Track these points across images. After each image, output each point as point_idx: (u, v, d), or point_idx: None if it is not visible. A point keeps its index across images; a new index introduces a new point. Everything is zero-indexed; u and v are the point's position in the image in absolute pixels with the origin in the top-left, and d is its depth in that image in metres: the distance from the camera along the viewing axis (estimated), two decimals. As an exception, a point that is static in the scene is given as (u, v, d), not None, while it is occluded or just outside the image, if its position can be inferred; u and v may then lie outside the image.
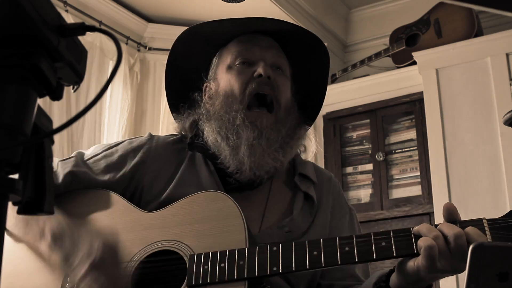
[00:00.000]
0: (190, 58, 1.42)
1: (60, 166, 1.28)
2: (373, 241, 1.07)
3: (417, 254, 1.05)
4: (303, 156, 1.44)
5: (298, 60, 1.43)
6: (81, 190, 1.28)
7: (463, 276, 0.71)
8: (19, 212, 0.57)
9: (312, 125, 1.48)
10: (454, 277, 3.07)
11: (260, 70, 1.29)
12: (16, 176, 0.56)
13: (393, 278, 1.11)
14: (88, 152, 1.36)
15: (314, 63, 1.45)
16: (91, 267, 1.06)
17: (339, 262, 1.08)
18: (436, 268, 1.02)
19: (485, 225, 1.06)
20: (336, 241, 1.09)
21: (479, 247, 0.70)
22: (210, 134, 1.31)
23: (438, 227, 1.06)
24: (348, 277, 1.29)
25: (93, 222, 1.23)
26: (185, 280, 1.12)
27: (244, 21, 1.33)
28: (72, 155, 1.34)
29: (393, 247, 1.06)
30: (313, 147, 1.45)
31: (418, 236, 1.06)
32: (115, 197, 1.26)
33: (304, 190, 1.33)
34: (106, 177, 1.29)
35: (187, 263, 1.13)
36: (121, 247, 1.17)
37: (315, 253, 1.09)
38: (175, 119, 1.42)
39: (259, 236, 1.22)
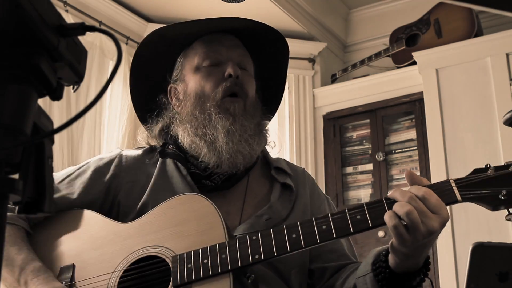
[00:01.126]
0: (154, 60, 1.42)
1: None
2: (348, 216, 1.10)
3: None
4: (275, 150, 1.47)
5: (259, 55, 1.45)
6: (57, 212, 1.29)
7: (463, 276, 0.71)
8: (19, 212, 0.57)
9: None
10: (454, 277, 3.07)
11: (230, 70, 1.32)
12: (16, 176, 0.56)
13: (390, 258, 1.12)
14: (61, 174, 1.37)
15: (273, 57, 1.48)
16: None
17: (318, 241, 1.10)
18: (421, 232, 1.03)
19: (453, 185, 1.09)
20: (313, 221, 1.12)
21: (479, 247, 0.70)
22: (185, 137, 1.33)
23: (408, 189, 1.08)
24: (340, 256, 1.32)
25: (72, 241, 1.25)
26: (171, 281, 1.13)
27: (208, 22, 1.35)
28: None
29: (368, 219, 1.09)
30: (274, 138, 1.48)
31: (391, 204, 1.08)
32: (91, 214, 1.27)
33: (282, 181, 1.36)
34: (83, 195, 1.31)
35: (170, 265, 1.14)
36: (103, 260, 1.19)
37: (294, 235, 1.11)
38: (146, 129, 1.43)
39: (240, 228, 1.24)
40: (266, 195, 1.35)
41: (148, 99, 1.42)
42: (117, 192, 1.32)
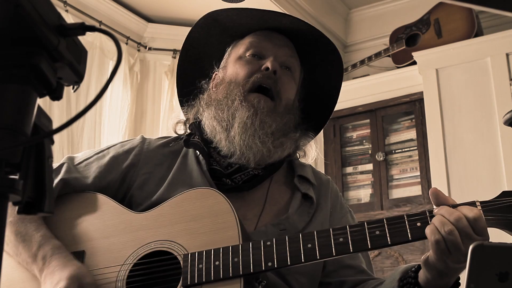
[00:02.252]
0: (205, 45, 1.42)
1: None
2: (367, 230, 1.07)
3: (411, 240, 1.05)
4: (302, 161, 1.43)
5: (313, 66, 1.42)
6: (71, 194, 1.27)
7: (463, 276, 0.71)
8: (19, 212, 0.56)
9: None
10: (454, 277, 3.07)
11: (268, 64, 1.30)
12: (16, 176, 0.56)
13: (421, 274, 1.09)
14: (80, 156, 1.36)
15: (327, 74, 1.44)
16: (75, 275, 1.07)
17: (334, 254, 1.07)
18: (463, 253, 0.99)
19: (479, 207, 1.06)
20: (329, 232, 1.08)
21: (479, 247, 0.70)
22: (207, 120, 1.31)
23: (459, 208, 1.04)
24: (358, 273, 1.28)
25: (84, 226, 1.23)
26: (180, 281, 1.11)
27: (262, 14, 1.33)
28: (62, 161, 1.33)
29: (388, 235, 1.06)
30: (313, 153, 1.44)
31: (412, 223, 1.05)
32: (105, 199, 1.25)
33: (303, 191, 1.32)
34: (97, 180, 1.29)
35: (181, 263, 1.12)
36: (113, 250, 1.18)
37: (309, 245, 1.08)
38: (184, 114, 1.42)
39: (254, 234, 1.21)
40: (286, 204, 1.31)
41: (191, 82, 1.41)
42: (132, 182, 1.30)
